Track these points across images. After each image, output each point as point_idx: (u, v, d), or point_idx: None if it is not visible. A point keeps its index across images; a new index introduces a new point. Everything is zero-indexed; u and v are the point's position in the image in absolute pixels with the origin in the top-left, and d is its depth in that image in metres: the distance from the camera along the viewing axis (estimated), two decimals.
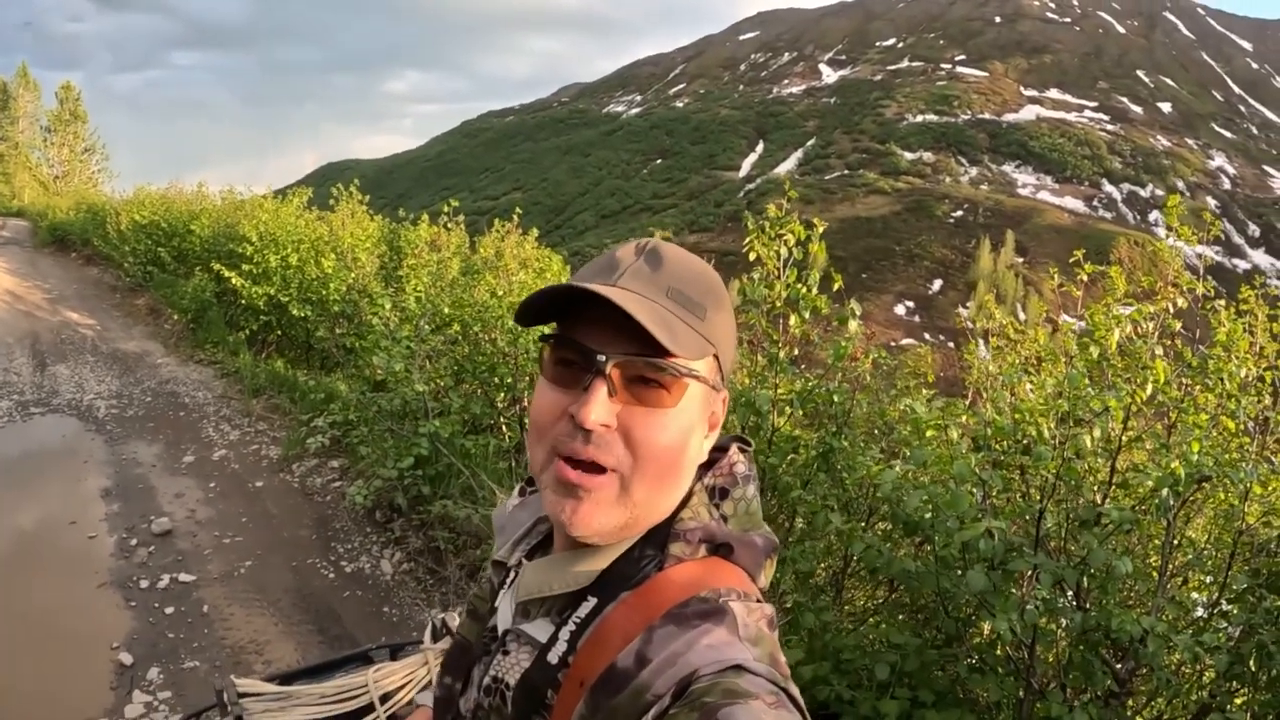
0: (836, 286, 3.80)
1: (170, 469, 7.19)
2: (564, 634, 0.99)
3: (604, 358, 0.93)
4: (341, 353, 9.87)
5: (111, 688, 4.28)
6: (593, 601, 0.99)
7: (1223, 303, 3.77)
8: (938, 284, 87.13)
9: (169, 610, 4.95)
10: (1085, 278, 3.73)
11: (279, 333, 11.38)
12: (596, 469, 0.95)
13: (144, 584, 5.21)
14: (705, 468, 1.07)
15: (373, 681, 2.14)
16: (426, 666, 2.22)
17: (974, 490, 3.00)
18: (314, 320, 10.31)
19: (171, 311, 12.88)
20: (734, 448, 1.10)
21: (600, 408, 0.92)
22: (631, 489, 0.96)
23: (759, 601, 0.99)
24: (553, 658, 0.98)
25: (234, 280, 10.55)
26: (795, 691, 0.87)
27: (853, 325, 3.72)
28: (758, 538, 1.04)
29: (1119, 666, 3.17)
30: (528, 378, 6.27)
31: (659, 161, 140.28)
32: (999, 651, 3.30)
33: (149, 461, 7.32)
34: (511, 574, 1.15)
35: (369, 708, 2.11)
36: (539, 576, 1.05)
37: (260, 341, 11.42)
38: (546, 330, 1.02)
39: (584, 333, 0.96)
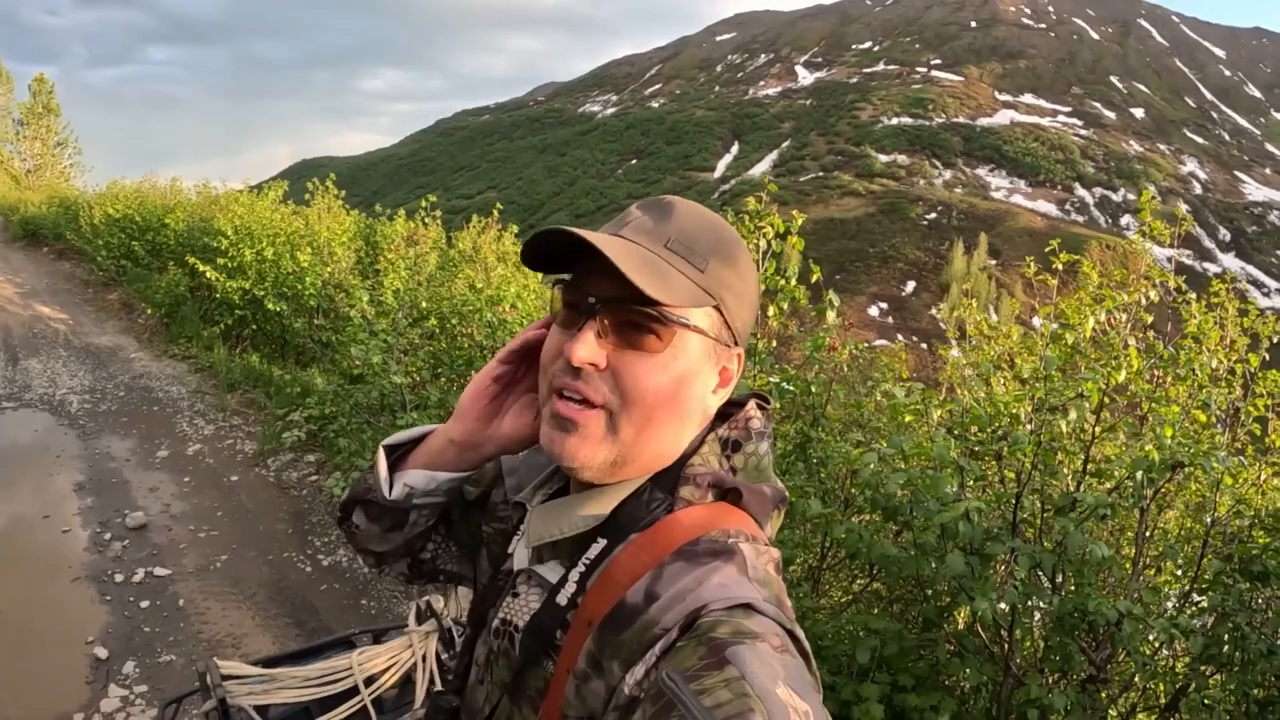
0: (815, 278, 3.82)
1: (144, 464, 7.13)
2: (574, 575, 1.01)
3: (594, 300, 0.97)
4: (318, 347, 9.82)
5: (87, 682, 4.24)
6: (602, 543, 1.01)
7: (1194, 295, 3.83)
8: (911, 285, 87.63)
9: (144, 604, 4.92)
10: (1060, 266, 3.77)
11: (254, 327, 11.28)
12: (587, 405, 0.98)
13: (119, 578, 5.17)
14: (721, 420, 1.09)
15: (357, 664, 2.14)
16: (410, 649, 2.22)
17: (952, 476, 3.02)
18: (289, 314, 10.25)
19: (145, 306, 12.75)
20: (752, 403, 1.11)
21: (587, 347, 0.96)
22: (619, 428, 0.98)
23: (766, 546, 1.00)
24: (562, 599, 1.00)
25: (208, 274, 10.44)
26: (801, 635, 0.89)
27: (831, 316, 3.75)
28: (766, 488, 1.06)
29: (1096, 654, 3.21)
30: None
31: (634, 162, 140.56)
32: (977, 638, 3.33)
33: (123, 456, 7.26)
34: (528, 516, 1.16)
35: (353, 690, 2.11)
36: (547, 520, 1.06)
37: (235, 336, 11.31)
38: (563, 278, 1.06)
39: (587, 279, 0.99)
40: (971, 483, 3.30)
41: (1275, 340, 4.05)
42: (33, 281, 15.48)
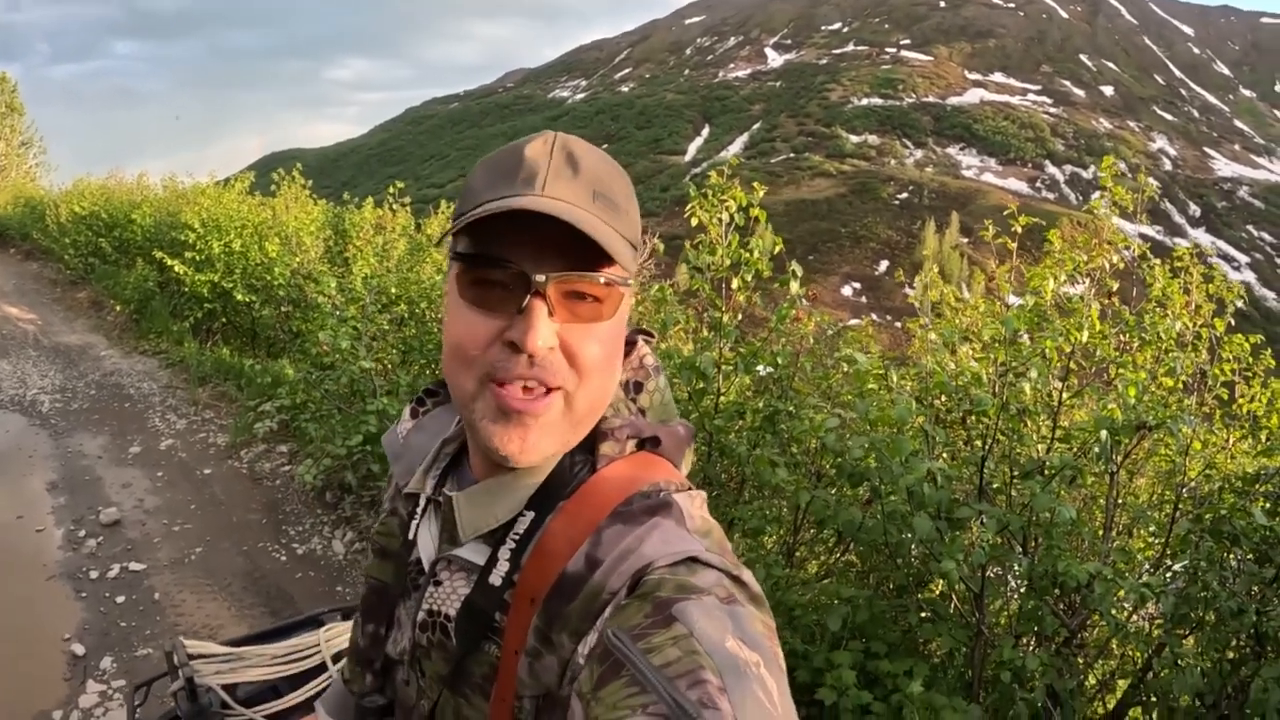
0: (778, 248, 3.82)
1: (117, 460, 7.06)
2: (504, 553, 0.96)
3: (542, 277, 0.86)
4: (288, 337, 9.76)
5: (65, 679, 4.20)
6: (530, 515, 0.96)
7: (1158, 261, 3.85)
8: (884, 265, 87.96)
9: (120, 599, 4.88)
10: (1019, 229, 3.76)
11: (224, 320, 11.20)
12: (539, 390, 0.90)
13: (94, 574, 5.12)
14: None
15: (324, 641, 2.13)
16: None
17: (916, 439, 3.04)
18: (259, 306, 10.19)
19: (114, 303, 12.62)
20: (640, 340, 1.08)
21: (545, 331, 0.86)
22: (575, 405, 0.92)
23: (693, 490, 0.98)
24: (495, 579, 0.95)
25: (177, 268, 10.35)
26: (748, 577, 0.87)
27: (794, 286, 3.75)
28: (679, 426, 1.04)
29: (1070, 619, 3.23)
30: None
31: (604, 146, 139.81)
32: (950, 605, 3.35)
33: (95, 453, 7.19)
34: (424, 502, 1.09)
35: (322, 667, 2.10)
36: (479, 509, 0.99)
37: (205, 330, 11.23)
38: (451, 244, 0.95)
39: (508, 248, 0.88)
40: (938, 447, 3.32)
41: (1240, 306, 4.09)
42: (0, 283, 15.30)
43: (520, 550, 0.95)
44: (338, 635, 2.16)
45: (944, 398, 3.33)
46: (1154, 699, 3.24)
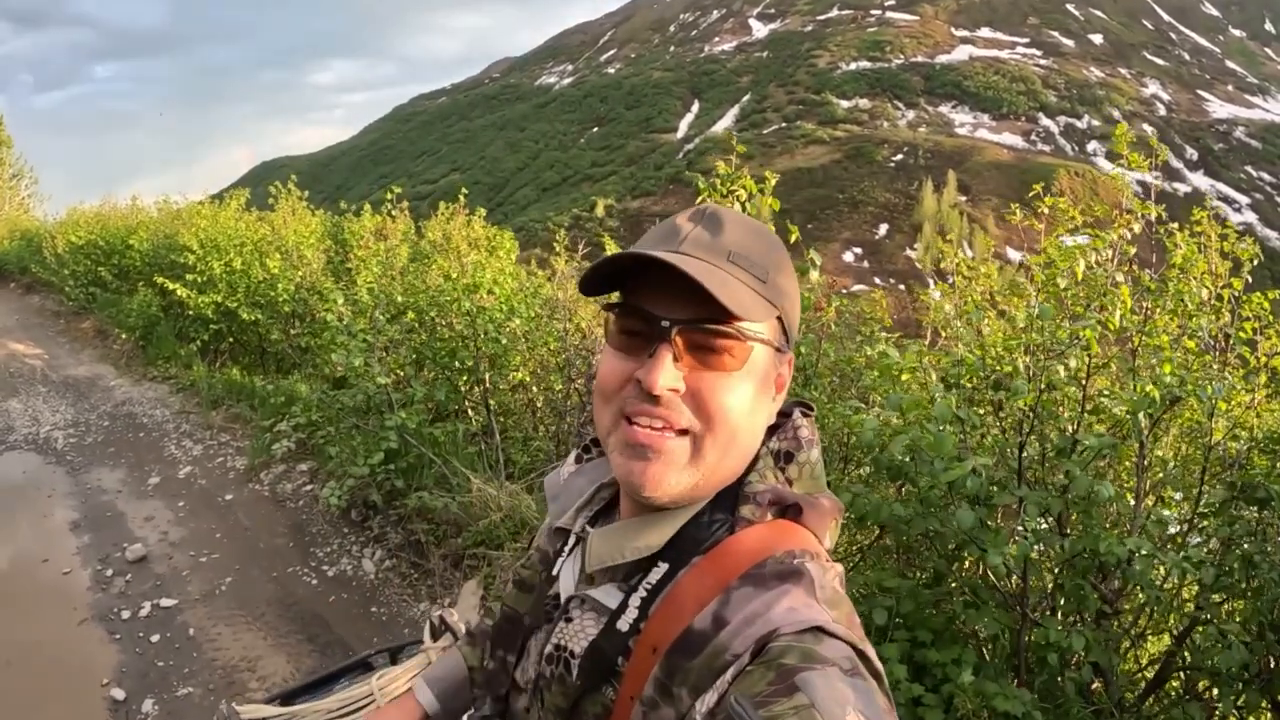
0: (794, 238, 3.76)
1: (137, 492, 7.04)
2: (634, 600, 1.00)
3: (668, 323, 0.95)
4: (298, 353, 9.72)
5: None
6: (664, 567, 1.00)
7: (1176, 225, 3.80)
8: (884, 228, 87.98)
9: (155, 638, 4.84)
10: (1046, 210, 3.74)
11: (231, 340, 11.16)
12: (666, 428, 0.96)
13: (125, 614, 5.08)
14: (770, 431, 1.08)
15: (378, 689, 2.10)
16: (430, 668, 2.18)
17: (952, 429, 3.00)
18: (265, 323, 10.15)
19: (119, 331, 12.59)
20: (797, 412, 1.11)
21: (667, 373, 0.94)
22: (703, 450, 0.97)
23: (829, 562, 1.00)
24: (623, 625, 0.99)
25: (179, 292, 10.32)
26: (872, 654, 0.88)
27: (814, 276, 3.71)
28: (825, 500, 1.05)
29: (1105, 588, 3.21)
30: (488, 359, 6.22)
31: (595, 130, 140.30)
32: (988, 581, 3.32)
33: (114, 488, 7.16)
34: (573, 540, 1.16)
35: None
36: (609, 544, 1.05)
37: (213, 351, 11.18)
38: (611, 299, 1.04)
39: (647, 299, 0.98)
40: (970, 430, 3.28)
41: (1255, 263, 4.04)
42: (2, 319, 15.29)
43: (650, 600, 0.99)
44: (390, 681, 2.12)
45: (973, 380, 3.28)
46: (1196, 668, 3.22)
